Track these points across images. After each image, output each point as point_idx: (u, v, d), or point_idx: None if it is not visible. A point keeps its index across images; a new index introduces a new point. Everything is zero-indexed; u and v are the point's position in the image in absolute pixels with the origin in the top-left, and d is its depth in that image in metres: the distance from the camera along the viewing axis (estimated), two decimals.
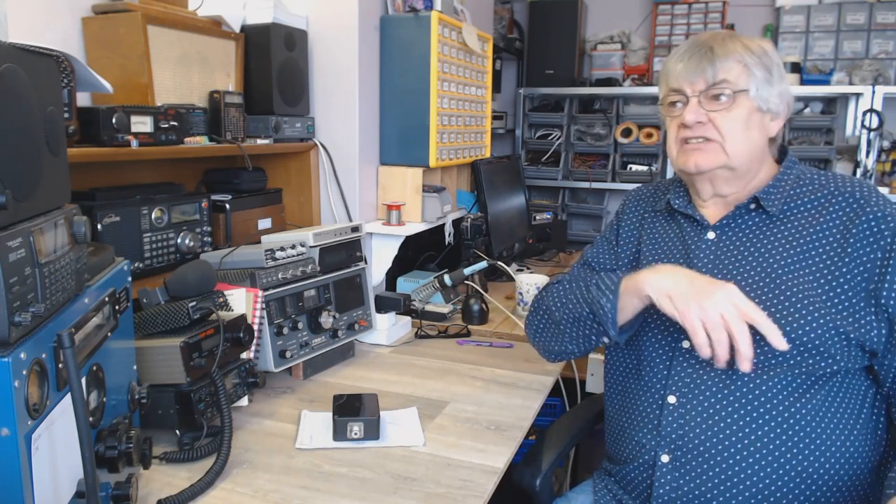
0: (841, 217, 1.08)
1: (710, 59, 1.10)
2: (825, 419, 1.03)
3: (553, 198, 3.71)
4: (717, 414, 1.06)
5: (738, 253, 1.13)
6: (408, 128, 2.01)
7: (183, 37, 1.57)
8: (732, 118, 1.10)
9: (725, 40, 1.12)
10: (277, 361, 1.45)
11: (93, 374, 0.89)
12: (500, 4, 3.65)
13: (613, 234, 1.34)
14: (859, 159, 3.10)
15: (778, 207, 1.12)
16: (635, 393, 1.18)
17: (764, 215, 1.13)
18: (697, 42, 1.14)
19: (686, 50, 1.14)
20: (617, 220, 1.36)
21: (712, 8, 3.43)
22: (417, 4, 2.11)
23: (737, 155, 1.11)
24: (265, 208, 1.84)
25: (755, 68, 1.10)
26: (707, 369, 1.08)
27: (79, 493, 0.84)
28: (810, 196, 1.12)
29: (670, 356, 1.13)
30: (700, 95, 1.11)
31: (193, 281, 1.25)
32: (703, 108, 1.11)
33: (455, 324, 1.94)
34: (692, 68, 1.12)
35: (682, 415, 1.08)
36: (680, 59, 1.14)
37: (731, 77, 1.10)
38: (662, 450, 1.10)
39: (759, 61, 1.10)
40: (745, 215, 1.15)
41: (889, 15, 3.20)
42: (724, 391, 1.06)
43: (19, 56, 0.76)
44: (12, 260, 0.69)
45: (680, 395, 1.09)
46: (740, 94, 1.10)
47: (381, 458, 1.19)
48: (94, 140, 1.28)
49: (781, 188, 1.14)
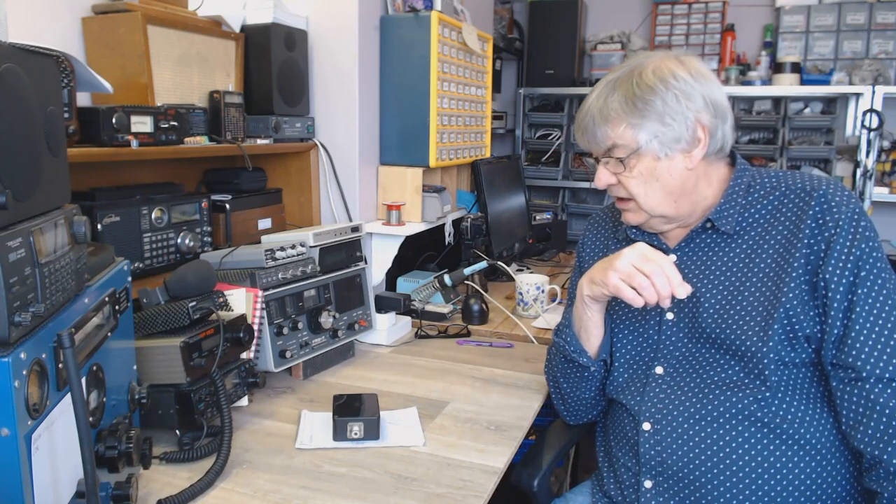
0: (793, 214, 1.08)
1: (593, 127, 1.11)
2: (802, 425, 1.03)
3: (553, 198, 3.71)
4: (693, 436, 1.07)
5: (699, 273, 1.14)
6: (408, 128, 2.01)
7: (183, 37, 1.58)
8: (635, 178, 1.10)
9: (608, 98, 1.09)
10: (277, 361, 1.45)
11: (93, 374, 0.89)
12: (500, 4, 3.65)
13: (577, 271, 1.36)
14: (859, 159, 3.10)
15: (732, 226, 1.12)
16: (617, 417, 1.20)
17: (721, 233, 1.13)
18: (583, 108, 1.13)
19: (578, 117, 1.14)
20: (578, 254, 1.37)
21: (712, 8, 3.43)
22: (417, 4, 2.11)
23: (655, 208, 1.11)
24: (265, 208, 1.84)
25: (642, 119, 1.07)
26: (678, 393, 1.10)
27: (79, 493, 0.84)
28: (763, 202, 1.11)
29: (644, 382, 1.15)
30: (602, 159, 1.13)
31: (193, 281, 1.25)
32: (609, 170, 1.13)
33: (455, 324, 1.94)
34: (584, 139, 1.14)
35: (658, 441, 1.10)
36: (577, 127, 1.15)
37: (620, 140, 1.09)
38: (644, 476, 1.11)
39: (647, 107, 1.06)
40: (701, 235, 1.15)
41: (889, 15, 3.20)
42: (695, 413, 1.07)
43: (19, 56, 0.76)
44: (12, 260, 0.69)
45: (654, 421, 1.11)
46: (633, 154, 1.09)
47: (381, 458, 1.19)
48: (94, 140, 1.28)
49: (734, 202, 1.12)
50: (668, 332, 1.15)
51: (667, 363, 1.14)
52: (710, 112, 1.08)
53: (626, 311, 1.21)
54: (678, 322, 1.14)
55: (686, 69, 1.08)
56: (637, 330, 1.19)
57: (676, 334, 1.14)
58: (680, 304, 1.14)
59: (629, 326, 1.20)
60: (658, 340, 1.16)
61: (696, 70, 1.09)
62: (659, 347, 1.15)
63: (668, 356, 1.14)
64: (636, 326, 1.19)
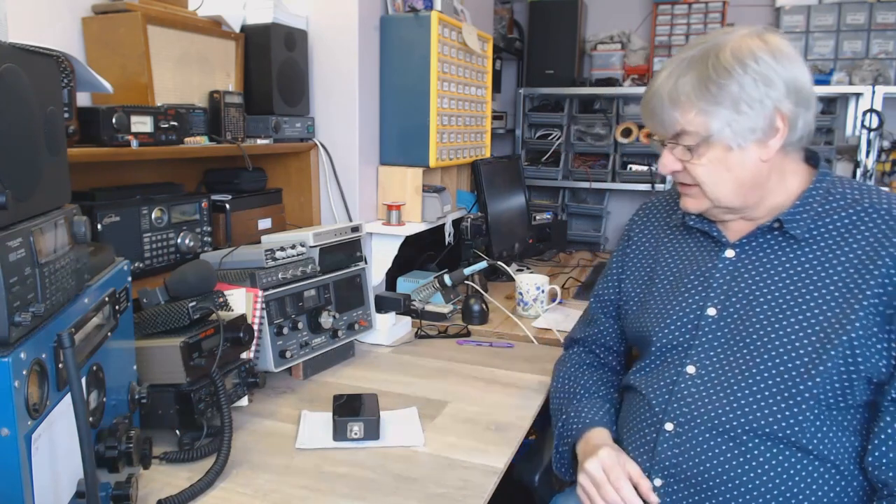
0: (873, 234, 1.00)
1: (661, 110, 1.03)
2: (831, 449, 0.98)
3: (553, 198, 3.71)
4: (715, 446, 1.02)
5: (756, 275, 1.07)
6: (408, 128, 2.01)
7: (183, 37, 1.57)
8: (704, 166, 1.03)
9: (679, 79, 1.01)
10: (277, 361, 1.45)
11: (93, 374, 0.89)
12: (500, 4, 3.65)
13: (619, 260, 1.30)
14: (859, 159, 3.10)
15: (802, 231, 1.04)
16: (636, 412, 1.15)
17: (789, 236, 1.05)
18: (652, 87, 1.05)
19: (646, 96, 1.07)
20: (627, 239, 1.30)
21: (712, 8, 3.43)
22: (417, 4, 2.11)
23: (721, 198, 1.05)
24: (265, 208, 1.84)
25: (715, 106, 0.99)
26: (710, 398, 1.04)
27: (79, 493, 0.84)
28: (840, 213, 1.03)
29: (673, 380, 1.09)
30: (669, 143, 1.06)
31: (193, 281, 1.25)
32: (674, 156, 1.06)
33: (455, 324, 1.94)
34: (650, 121, 1.07)
35: (678, 444, 1.05)
36: (643, 107, 1.08)
37: (690, 127, 1.02)
38: (656, 474, 1.07)
39: (721, 92, 0.98)
40: (766, 234, 1.08)
41: (889, 15, 3.20)
42: (725, 423, 1.02)
43: (19, 56, 0.76)
44: (12, 260, 0.69)
45: (678, 423, 1.06)
46: (703, 142, 1.02)
47: (381, 458, 1.19)
48: (94, 140, 1.28)
49: (810, 207, 1.04)
50: (706, 328, 1.08)
51: (700, 363, 1.07)
52: (791, 99, 0.99)
53: (664, 296, 1.16)
54: (719, 320, 1.08)
55: (769, 49, 0.98)
56: (672, 319, 1.12)
57: (714, 333, 1.07)
58: (725, 301, 1.08)
59: (665, 316, 1.14)
60: (694, 336, 1.09)
61: (779, 50, 0.99)
62: (693, 344, 1.09)
63: (701, 355, 1.08)
64: (671, 316, 1.13)
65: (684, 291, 1.13)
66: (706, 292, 1.10)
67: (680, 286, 1.15)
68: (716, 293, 1.09)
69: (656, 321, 1.15)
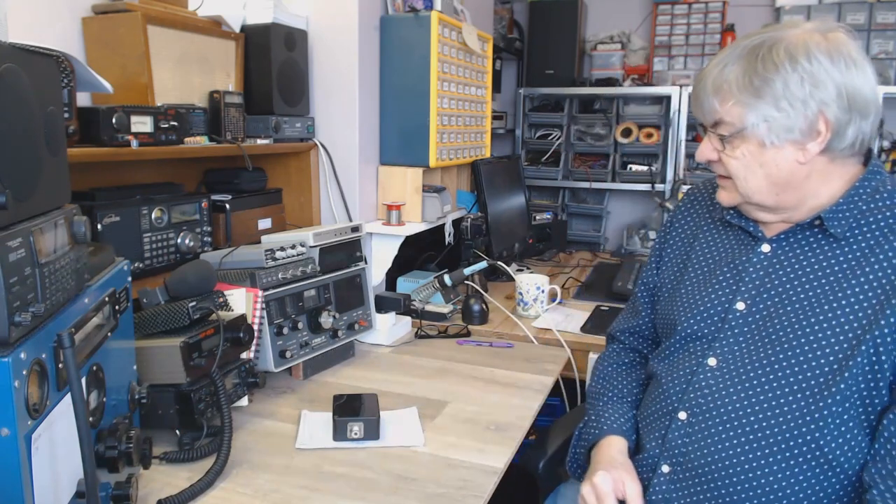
0: None
1: (703, 97, 1.02)
2: (843, 451, 0.95)
3: (553, 198, 3.71)
4: (726, 440, 1.01)
5: (791, 272, 1.04)
6: (408, 128, 2.01)
7: (183, 37, 1.58)
8: (737, 159, 1.02)
9: (727, 67, 0.99)
10: (277, 361, 1.45)
11: (93, 374, 0.89)
12: (500, 4, 3.65)
13: (659, 245, 1.29)
14: None
15: (843, 230, 1.00)
16: (653, 398, 1.14)
17: (828, 234, 1.02)
18: (703, 71, 1.03)
19: (696, 81, 1.05)
20: (669, 224, 1.29)
21: (712, 8, 3.42)
22: (417, 4, 2.11)
23: (753, 195, 1.03)
24: (265, 208, 1.84)
25: (755, 99, 0.96)
26: (727, 392, 1.03)
27: (79, 493, 0.84)
28: (885, 212, 0.99)
29: (693, 370, 1.08)
30: (710, 131, 1.04)
31: (193, 281, 1.26)
32: (711, 145, 1.05)
33: (455, 324, 1.94)
34: (695, 105, 1.06)
35: (689, 433, 1.05)
36: (693, 91, 1.07)
37: (727, 116, 1.00)
38: (665, 460, 1.07)
39: (764, 87, 0.95)
40: (805, 231, 1.05)
41: (889, 15, 3.20)
42: (742, 418, 1.00)
43: (19, 56, 0.76)
44: (12, 260, 0.69)
45: (691, 413, 1.05)
46: (737, 134, 1.00)
47: (381, 458, 1.19)
48: (94, 140, 1.28)
49: (853, 206, 1.00)
50: (732, 322, 1.06)
51: (722, 356, 1.06)
52: (840, 105, 0.94)
53: (695, 285, 1.15)
54: (747, 315, 1.05)
55: (827, 49, 0.94)
56: (700, 310, 1.11)
57: (741, 327, 1.06)
58: (756, 296, 1.05)
59: (693, 306, 1.12)
60: (720, 329, 1.07)
61: (838, 52, 0.94)
62: (718, 337, 1.07)
63: (725, 349, 1.06)
64: (699, 307, 1.11)
65: (715, 283, 1.12)
66: (737, 286, 1.09)
67: (712, 277, 1.14)
68: (747, 287, 1.08)
69: (684, 310, 1.14)
